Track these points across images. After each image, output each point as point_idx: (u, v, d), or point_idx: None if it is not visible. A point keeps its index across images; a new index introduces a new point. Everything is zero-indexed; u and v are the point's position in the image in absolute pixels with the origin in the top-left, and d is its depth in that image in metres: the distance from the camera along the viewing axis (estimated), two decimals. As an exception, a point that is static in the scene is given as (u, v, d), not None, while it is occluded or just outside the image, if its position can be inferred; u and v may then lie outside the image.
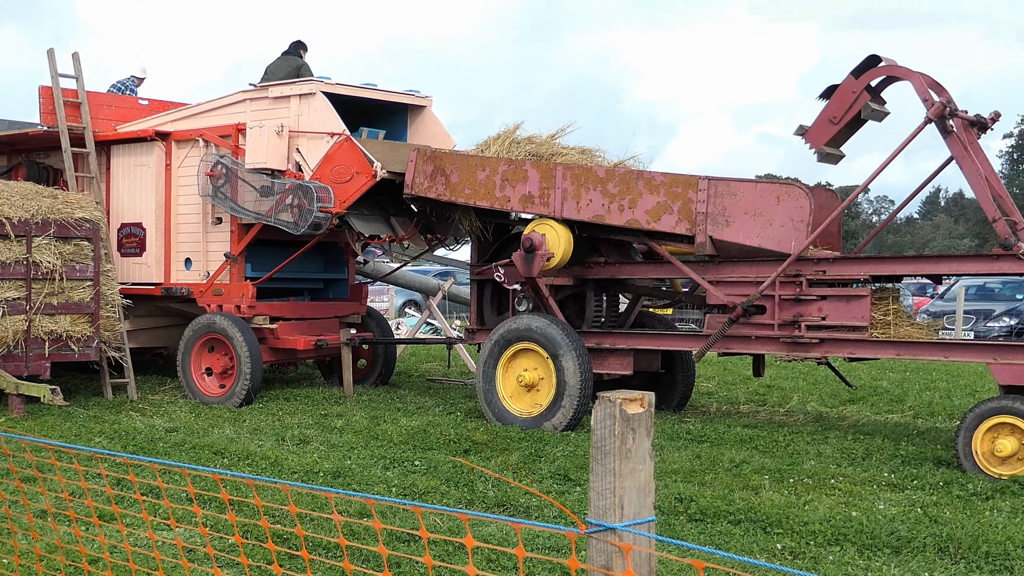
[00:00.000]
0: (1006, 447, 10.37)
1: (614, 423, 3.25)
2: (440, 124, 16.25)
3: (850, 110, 12.06)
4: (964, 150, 11.45)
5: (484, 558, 7.42)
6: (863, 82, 12.01)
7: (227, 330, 15.11)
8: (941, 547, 7.80)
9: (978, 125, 11.75)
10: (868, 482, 10.02)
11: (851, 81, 12.05)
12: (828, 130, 12.19)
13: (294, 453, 11.22)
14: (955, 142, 11.43)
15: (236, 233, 15.63)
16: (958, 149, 11.45)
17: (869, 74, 12.01)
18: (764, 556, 7.73)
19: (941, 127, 11.43)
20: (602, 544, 3.24)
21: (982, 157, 11.70)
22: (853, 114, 12.06)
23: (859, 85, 12.01)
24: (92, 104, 16.70)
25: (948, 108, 11.32)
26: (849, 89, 12.04)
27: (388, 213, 15.39)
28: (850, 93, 12.03)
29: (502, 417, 13.05)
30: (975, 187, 11.51)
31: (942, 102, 11.34)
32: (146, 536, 7.60)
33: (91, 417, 13.67)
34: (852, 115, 12.07)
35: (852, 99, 12.01)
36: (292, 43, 16.87)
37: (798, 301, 11.91)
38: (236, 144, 15.47)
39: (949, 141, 11.47)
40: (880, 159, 12.29)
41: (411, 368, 19.97)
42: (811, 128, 12.29)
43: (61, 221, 14.69)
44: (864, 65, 12.06)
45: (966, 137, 11.52)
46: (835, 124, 12.15)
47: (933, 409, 14.76)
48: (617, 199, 12.79)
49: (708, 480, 10.01)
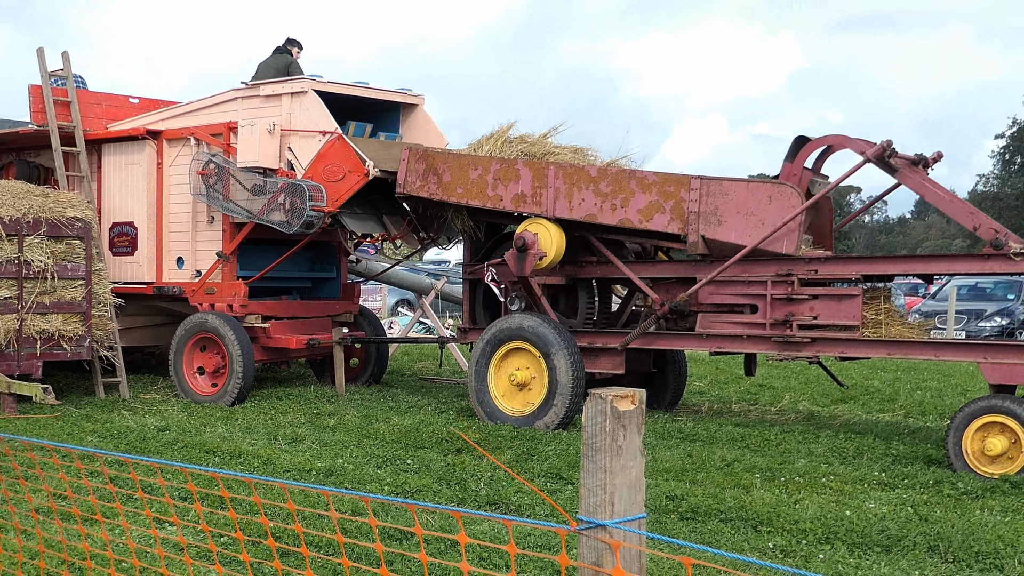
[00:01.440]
0: (996, 446, 10.39)
1: (605, 420, 3.25)
2: (432, 123, 16.24)
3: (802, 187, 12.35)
4: (919, 182, 11.66)
5: (476, 556, 7.43)
6: (799, 164, 12.50)
7: (219, 329, 15.10)
8: (931, 546, 7.82)
9: (921, 163, 11.92)
10: (859, 481, 10.03)
11: (788, 168, 12.55)
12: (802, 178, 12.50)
13: (286, 452, 11.22)
14: (906, 176, 11.72)
15: (228, 232, 15.61)
16: (912, 181, 11.76)
17: (802, 155, 12.54)
18: (755, 554, 7.74)
19: (884, 167, 11.72)
20: (592, 541, 3.25)
21: (939, 187, 11.98)
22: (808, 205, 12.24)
23: (797, 168, 12.53)
24: (82, 103, 16.67)
25: (887, 150, 11.55)
26: (789, 175, 12.44)
27: (380, 212, 15.39)
28: (792, 177, 12.40)
29: (494, 416, 13.06)
30: (945, 209, 11.83)
31: (881, 146, 11.57)
32: (143, 533, 7.60)
33: (83, 416, 13.66)
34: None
35: (795, 183, 12.28)
36: (284, 40, 16.85)
37: (790, 300, 11.93)
38: (228, 143, 15.46)
39: (899, 176, 11.80)
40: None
41: (403, 367, 19.97)
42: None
43: (52, 220, 14.67)
44: (794, 148, 12.53)
45: (914, 173, 11.71)
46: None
47: (924, 408, 14.79)
48: (609, 198, 12.80)
49: (699, 479, 10.02)
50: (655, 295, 12.72)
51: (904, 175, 11.70)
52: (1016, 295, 30.25)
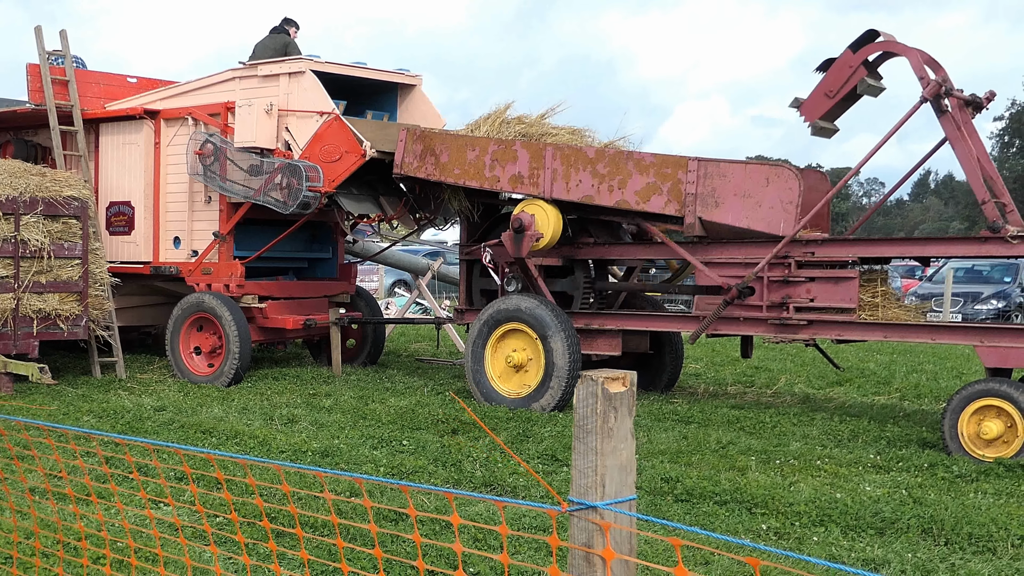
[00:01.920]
0: (992, 429, 10.40)
1: (596, 402, 3.26)
2: (430, 103, 16.22)
3: (846, 84, 12.04)
4: (958, 130, 11.44)
5: (471, 536, 7.45)
6: (860, 56, 11.98)
7: (216, 309, 15.10)
8: (925, 528, 7.84)
9: (973, 105, 11.73)
10: (853, 464, 10.05)
11: (848, 55, 12.02)
12: (823, 104, 12.18)
13: (282, 432, 11.23)
14: (949, 122, 11.43)
15: (225, 212, 15.61)
16: (952, 129, 11.44)
17: (866, 49, 11.97)
18: (749, 536, 7.76)
19: (936, 106, 11.43)
20: (583, 522, 3.26)
21: (975, 138, 11.69)
22: (849, 88, 12.04)
23: (856, 60, 11.98)
24: (80, 82, 16.64)
25: (944, 87, 11.31)
26: (846, 63, 12.01)
27: (377, 193, 15.38)
28: (847, 67, 12.00)
29: (490, 397, 13.07)
30: (966, 168, 11.50)
31: (938, 81, 11.32)
32: (139, 513, 7.62)
33: (79, 396, 13.68)
34: (848, 89, 12.05)
35: (849, 73, 11.99)
36: (282, 20, 16.82)
37: (787, 283, 11.94)
38: (225, 123, 15.44)
39: (943, 120, 11.45)
40: (872, 140, 12.46)
41: (400, 348, 19.98)
42: (806, 101, 12.28)
43: (49, 199, 14.66)
44: (862, 40, 12.02)
45: (960, 117, 11.51)
46: (831, 98, 12.14)
47: (920, 391, 14.80)
48: (607, 179, 12.78)
49: (695, 461, 10.04)
50: (722, 279, 12.41)
51: (947, 121, 11.42)
52: (1012, 278, 30.26)
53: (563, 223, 13.10)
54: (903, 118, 11.61)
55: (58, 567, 5.96)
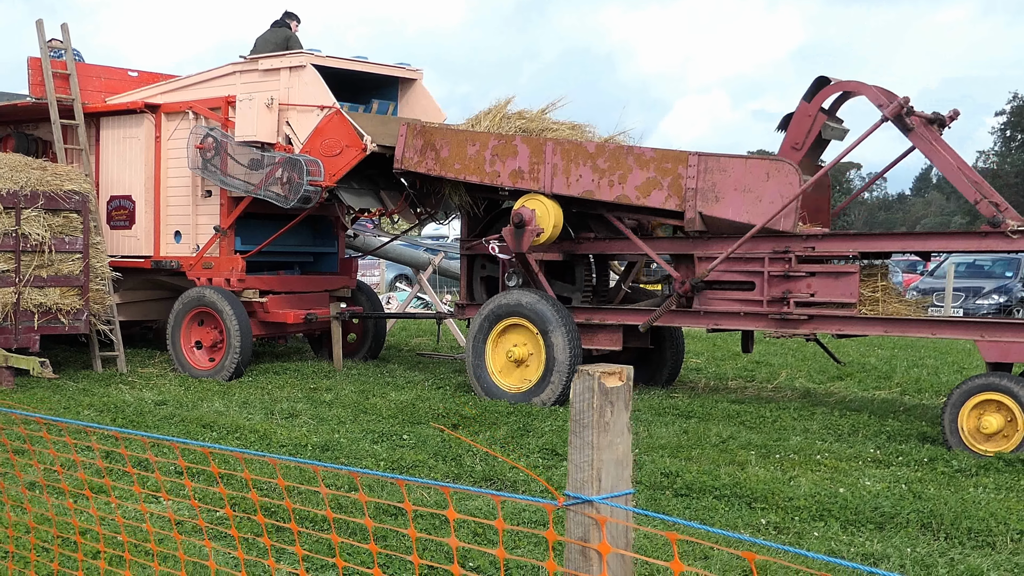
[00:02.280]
0: (992, 424, 10.41)
1: (592, 396, 3.26)
2: (431, 98, 16.21)
3: (810, 134, 12.49)
4: (930, 144, 11.57)
5: (470, 531, 7.46)
6: (816, 105, 12.47)
7: (217, 303, 15.10)
8: (924, 523, 7.85)
9: (937, 122, 11.90)
10: (853, 458, 10.06)
11: (804, 106, 12.51)
12: (794, 157, 12.41)
13: (283, 427, 11.24)
14: (918, 137, 11.59)
15: (226, 206, 15.61)
16: (924, 144, 11.62)
17: (820, 96, 12.46)
18: (748, 531, 7.77)
19: (900, 125, 11.61)
20: (580, 517, 3.26)
21: (950, 151, 11.82)
22: (814, 137, 12.45)
23: (813, 108, 12.47)
24: (81, 76, 16.64)
25: (905, 108, 11.44)
26: (804, 114, 12.47)
27: (378, 187, 15.38)
28: (806, 118, 12.44)
29: (491, 392, 13.08)
30: (950, 177, 11.67)
31: (899, 102, 11.45)
32: (136, 508, 7.63)
33: (80, 390, 13.68)
34: (812, 139, 12.49)
35: (809, 123, 12.40)
36: (283, 14, 16.80)
37: (787, 278, 11.94)
38: (226, 117, 15.44)
39: (912, 137, 11.67)
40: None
41: (401, 342, 20.00)
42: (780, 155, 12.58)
43: (50, 193, 14.66)
44: (814, 88, 12.47)
45: (929, 134, 11.64)
46: (799, 151, 12.47)
47: (920, 386, 14.80)
48: (607, 174, 12.78)
49: (695, 455, 10.04)
50: (676, 273, 12.63)
51: (917, 136, 11.55)
52: (1014, 273, 30.27)
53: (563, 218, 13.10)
54: (864, 135, 11.77)
55: (54, 562, 5.96)
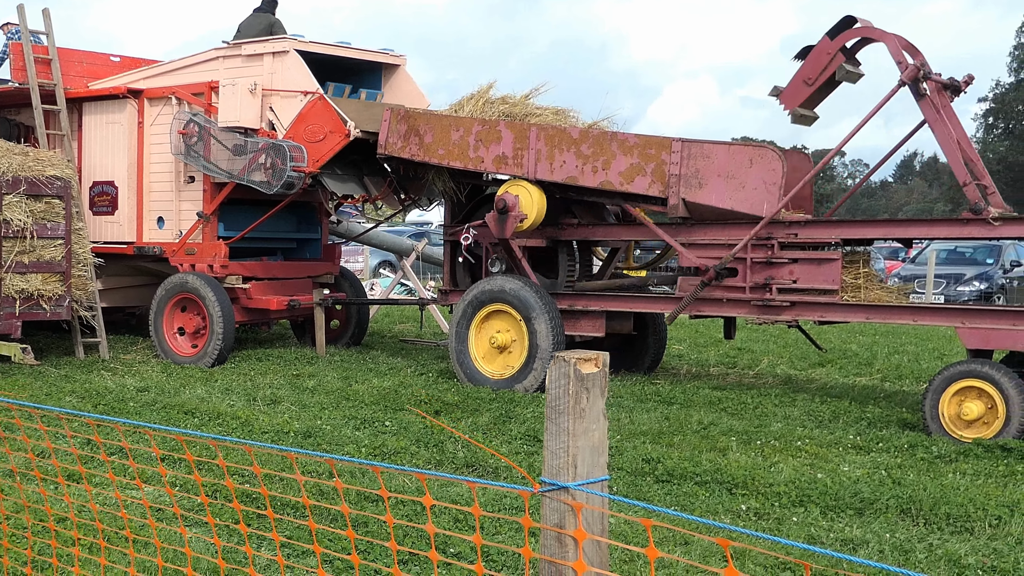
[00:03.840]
0: (972, 411, 10.46)
1: (568, 383, 3.27)
2: (414, 83, 16.19)
3: (824, 71, 12.08)
4: (937, 113, 11.49)
5: (452, 517, 7.48)
6: (838, 43, 12.02)
7: (199, 290, 15.08)
8: (903, 508, 7.89)
9: (951, 88, 11.78)
10: (834, 444, 10.10)
11: (826, 42, 12.06)
12: (802, 91, 12.22)
13: (265, 413, 11.24)
14: (928, 105, 11.47)
15: (209, 192, 15.57)
16: (931, 113, 11.49)
17: (844, 35, 12.01)
18: (729, 517, 7.80)
19: (914, 90, 11.47)
20: (555, 503, 3.28)
21: (955, 121, 11.74)
22: (827, 75, 12.09)
23: (834, 46, 12.02)
24: (64, 61, 16.58)
25: (922, 71, 11.36)
26: (824, 50, 12.05)
27: (362, 173, 15.36)
28: (825, 54, 12.04)
29: (474, 378, 13.09)
30: (947, 151, 11.56)
31: (916, 65, 11.37)
32: (113, 496, 7.62)
33: (62, 376, 13.66)
34: (826, 76, 12.10)
35: (827, 60, 12.03)
36: (265, 1, 16.72)
37: (769, 264, 11.97)
38: (209, 102, 15.39)
39: (922, 104, 11.51)
40: (856, 124, 12.34)
41: (384, 329, 19.99)
42: (785, 89, 12.32)
43: (32, 179, 14.61)
44: (839, 26, 12.07)
45: (939, 100, 11.56)
46: (809, 85, 12.18)
47: (901, 372, 14.86)
48: (591, 160, 12.79)
49: (676, 442, 10.07)
50: (700, 261, 12.42)
51: (928, 104, 11.48)
52: (995, 260, 30.37)
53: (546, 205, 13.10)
54: (882, 101, 11.67)
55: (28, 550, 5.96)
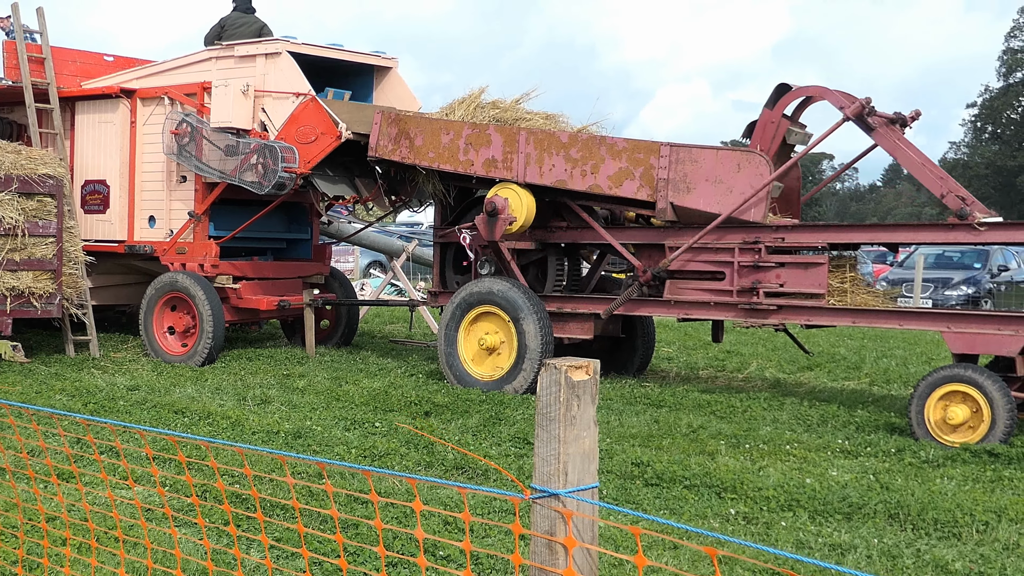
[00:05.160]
0: (957, 415, 10.51)
1: (559, 390, 3.32)
2: (406, 86, 16.22)
3: (774, 140, 12.63)
4: (894, 142, 11.74)
5: (441, 520, 7.51)
6: (778, 111, 12.61)
7: (190, 289, 15.10)
8: (891, 513, 7.93)
9: (899, 122, 12.08)
10: (822, 448, 10.15)
11: (767, 113, 12.66)
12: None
13: (255, 413, 11.26)
14: (881, 136, 11.82)
15: (200, 192, 15.60)
16: (887, 142, 11.84)
17: (782, 102, 12.59)
18: (717, 521, 7.84)
19: (861, 125, 11.83)
20: (545, 510, 3.32)
21: (913, 148, 12.05)
22: (778, 143, 12.54)
23: (776, 115, 12.62)
24: (57, 60, 16.59)
25: (866, 108, 11.63)
26: (768, 121, 12.63)
27: (353, 174, 15.39)
28: (770, 124, 12.62)
29: (463, 380, 13.13)
30: (915, 173, 11.94)
31: (861, 102, 11.65)
32: (104, 495, 7.65)
33: (52, 374, 13.67)
34: (777, 145, 12.54)
35: (773, 130, 12.58)
36: None
37: (756, 268, 12.03)
38: (201, 103, 15.43)
39: (875, 136, 11.89)
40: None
41: (374, 329, 20.02)
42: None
43: (24, 177, 14.62)
44: (775, 95, 12.61)
45: (892, 134, 11.81)
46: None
47: (889, 376, 14.92)
48: (580, 164, 12.84)
49: (665, 445, 10.11)
50: (638, 262, 12.77)
51: (880, 135, 11.75)
52: (982, 264, 30.44)
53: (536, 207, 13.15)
54: (824, 134, 12.11)
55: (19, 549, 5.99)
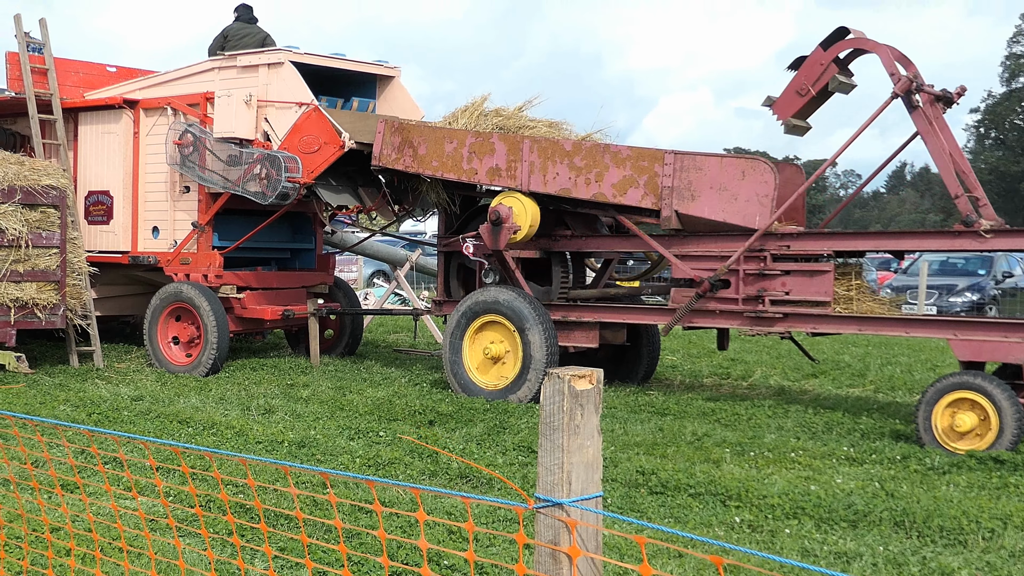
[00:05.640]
0: (965, 422, 10.47)
1: (563, 399, 3.30)
2: (408, 95, 16.22)
3: (818, 82, 12.12)
4: (929, 125, 11.54)
5: (445, 529, 7.49)
6: (831, 54, 12.06)
7: (194, 299, 15.10)
8: (897, 521, 7.90)
9: (944, 100, 11.83)
10: (827, 456, 10.12)
11: (819, 53, 12.10)
12: (795, 102, 12.25)
13: (259, 423, 11.25)
14: (920, 117, 11.53)
15: (204, 202, 15.61)
16: (923, 124, 11.54)
17: (837, 46, 12.06)
18: (723, 529, 7.82)
19: (907, 102, 11.52)
20: (549, 520, 3.30)
21: (947, 133, 11.78)
22: (821, 86, 12.12)
23: (827, 57, 12.06)
24: (60, 71, 16.61)
25: (914, 83, 11.40)
26: (817, 61, 12.10)
27: (356, 184, 15.39)
28: (818, 65, 12.08)
29: (468, 389, 13.11)
30: (939, 163, 11.61)
31: (908, 77, 11.41)
32: (108, 506, 7.64)
33: (56, 385, 13.67)
34: (820, 87, 12.13)
35: (820, 71, 12.06)
36: (244, 7, 16.52)
37: (762, 276, 12.00)
38: (204, 113, 15.43)
39: (915, 116, 11.56)
40: (850, 134, 12.39)
41: (378, 339, 20.01)
42: (779, 99, 12.36)
43: (28, 188, 14.63)
44: (832, 37, 12.12)
45: (931, 112, 11.60)
46: (802, 96, 12.20)
47: (894, 384, 14.88)
48: (584, 172, 12.83)
49: (670, 453, 10.09)
50: (694, 273, 12.45)
51: (920, 115, 11.54)
52: (987, 271, 30.40)
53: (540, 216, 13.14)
54: (875, 113, 11.69)
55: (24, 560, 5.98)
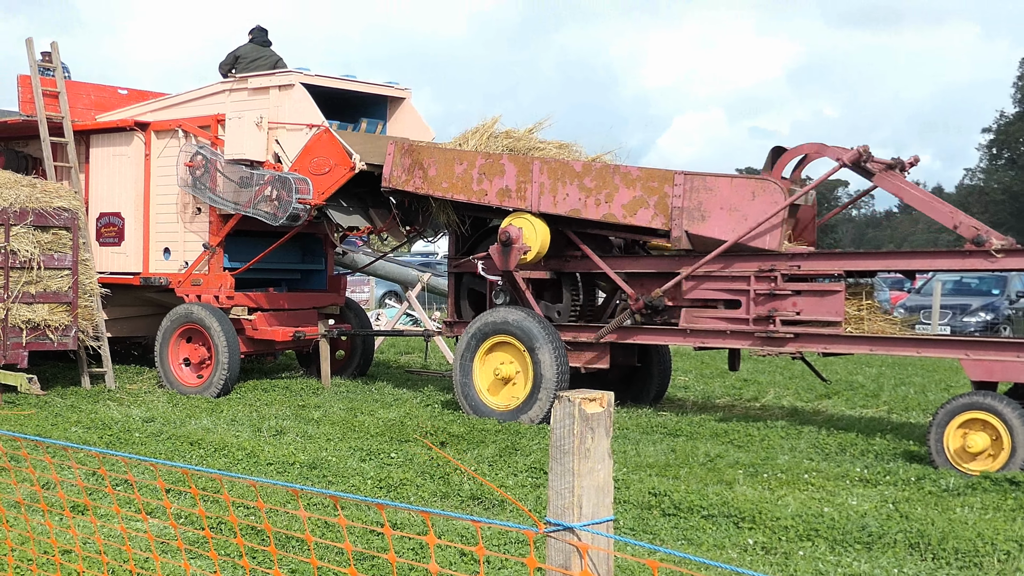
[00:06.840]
0: (977, 443, 10.42)
1: (573, 423, 3.28)
2: (419, 116, 16.24)
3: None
4: (896, 185, 11.88)
5: (457, 552, 7.45)
6: (776, 174, 12.58)
7: (205, 320, 15.11)
8: (911, 543, 7.85)
9: (898, 167, 12.15)
10: (841, 477, 10.07)
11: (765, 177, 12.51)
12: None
13: (271, 444, 11.23)
14: (881, 179, 11.96)
15: (215, 223, 15.63)
16: (889, 185, 11.93)
17: (778, 165, 12.64)
18: (736, 551, 7.78)
19: (860, 171, 11.96)
20: (560, 544, 3.28)
21: (917, 189, 12.24)
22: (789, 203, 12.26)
23: (774, 177, 12.55)
24: (71, 93, 16.66)
25: (863, 156, 11.69)
26: None
27: (367, 205, 15.40)
28: None
29: (479, 410, 13.08)
30: (924, 209, 12.02)
31: (857, 150, 11.78)
32: (118, 528, 7.62)
33: (68, 406, 13.67)
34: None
35: None
36: (259, 30, 16.56)
37: (773, 296, 11.97)
38: (215, 135, 15.46)
39: (875, 180, 12.00)
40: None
41: (389, 360, 19.98)
42: None
43: (40, 210, 14.66)
44: (771, 159, 12.72)
45: (891, 176, 11.92)
46: None
47: (907, 404, 14.82)
48: (594, 193, 12.82)
49: (682, 474, 10.05)
50: (631, 290, 12.79)
51: (881, 179, 11.91)
52: (1000, 290, 30.30)
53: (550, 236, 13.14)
54: (819, 180, 12.42)
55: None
